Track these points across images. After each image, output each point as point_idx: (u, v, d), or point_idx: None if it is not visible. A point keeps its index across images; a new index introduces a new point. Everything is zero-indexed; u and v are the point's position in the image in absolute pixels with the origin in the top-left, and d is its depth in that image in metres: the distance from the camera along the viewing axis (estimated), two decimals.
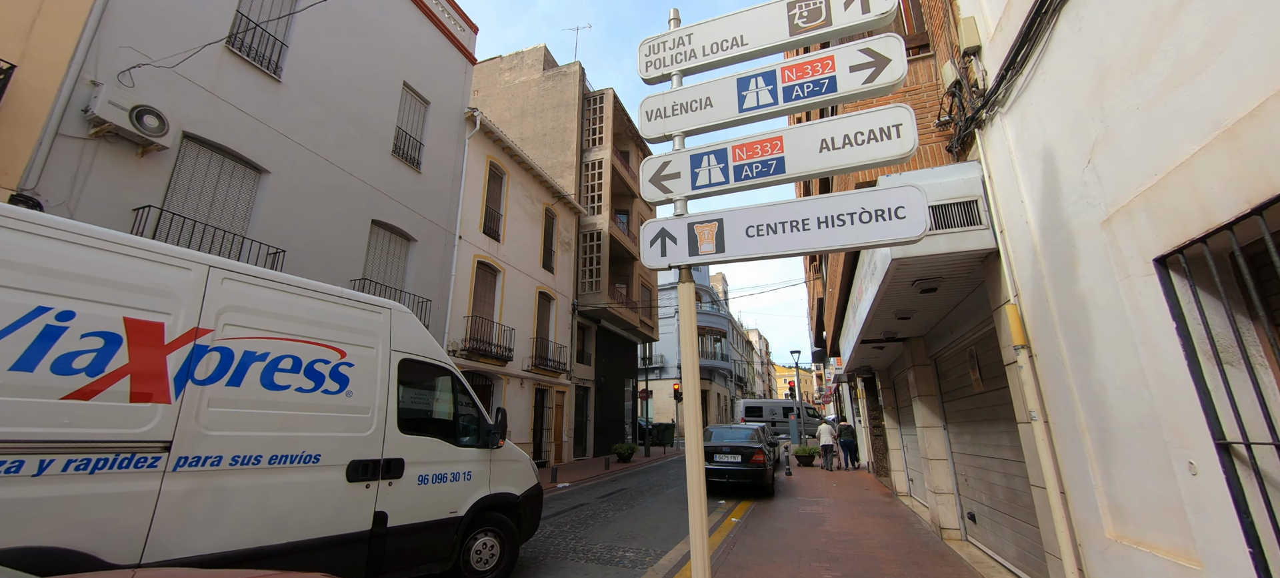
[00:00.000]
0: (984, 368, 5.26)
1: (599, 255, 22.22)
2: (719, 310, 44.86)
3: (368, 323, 4.20)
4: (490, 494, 4.82)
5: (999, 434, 5.03)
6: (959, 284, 4.72)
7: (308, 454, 3.54)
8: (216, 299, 3.31)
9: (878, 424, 13.92)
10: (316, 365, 3.74)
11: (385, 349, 4.24)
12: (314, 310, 3.86)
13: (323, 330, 3.86)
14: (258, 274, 3.59)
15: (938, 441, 6.99)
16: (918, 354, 7.35)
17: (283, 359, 3.57)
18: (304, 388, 3.64)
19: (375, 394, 4.05)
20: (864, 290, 5.65)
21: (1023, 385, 3.34)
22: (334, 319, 3.97)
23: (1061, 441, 3.10)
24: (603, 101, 24.61)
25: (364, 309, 4.22)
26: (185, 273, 3.20)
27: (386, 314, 4.38)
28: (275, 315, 3.61)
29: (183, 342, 3.10)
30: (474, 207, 15.35)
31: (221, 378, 3.24)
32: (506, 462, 5.14)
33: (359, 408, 3.93)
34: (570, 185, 22.62)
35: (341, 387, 3.85)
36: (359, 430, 3.89)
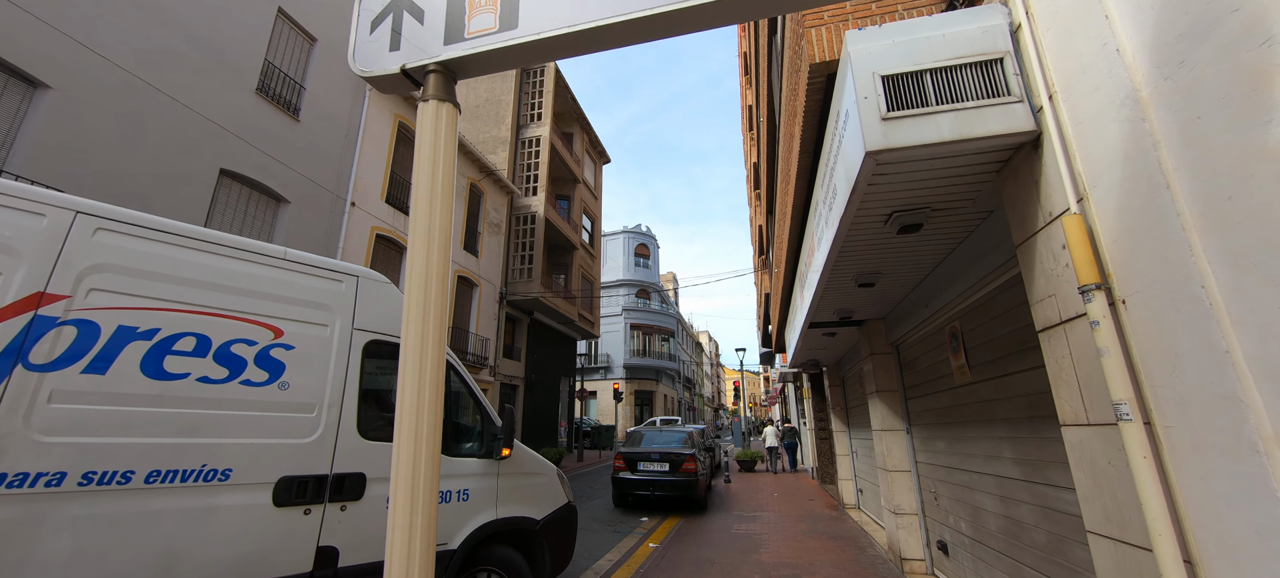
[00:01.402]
0: (973, 350, 3.82)
1: (533, 241, 20.23)
2: (668, 309, 43.62)
3: (322, 293, 3.18)
4: (496, 519, 3.71)
5: (994, 442, 3.59)
6: (954, 220, 3.23)
7: (211, 469, 2.62)
8: (80, 255, 2.49)
9: (824, 427, 12.72)
10: (235, 348, 2.80)
11: (344, 327, 3.21)
12: (237, 274, 2.89)
13: (249, 301, 2.90)
14: (154, 225, 2.71)
15: (899, 447, 5.58)
16: (876, 340, 5.95)
17: (180, 338, 2.65)
18: (212, 377, 2.71)
19: (324, 387, 3.05)
20: (816, 246, 4.12)
21: (1100, 357, 1.80)
22: (269, 287, 2.99)
23: (1191, 457, 1.59)
24: (544, 75, 22.67)
25: (317, 275, 3.19)
26: (34, 221, 2.41)
27: (351, 283, 3.32)
28: (175, 279, 2.70)
29: (14, 311, 2.29)
30: (374, 171, 13.08)
31: (76, 362, 2.40)
32: (521, 476, 4.01)
33: (298, 405, 2.95)
34: (503, 163, 20.54)
35: (272, 376, 2.90)
36: (296, 435, 2.91)
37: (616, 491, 9.34)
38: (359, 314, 3.29)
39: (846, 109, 2.71)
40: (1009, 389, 3.32)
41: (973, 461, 3.97)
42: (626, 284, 40.86)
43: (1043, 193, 2.24)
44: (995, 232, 3.15)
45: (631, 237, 43.54)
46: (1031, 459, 3.10)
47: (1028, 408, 3.10)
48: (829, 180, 3.33)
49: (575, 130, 25.90)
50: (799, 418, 18.05)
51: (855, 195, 2.74)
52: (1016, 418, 3.25)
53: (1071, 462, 2.18)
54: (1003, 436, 3.45)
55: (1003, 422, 3.44)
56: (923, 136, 2.34)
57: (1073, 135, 2.04)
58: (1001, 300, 3.34)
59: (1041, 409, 2.96)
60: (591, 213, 27.10)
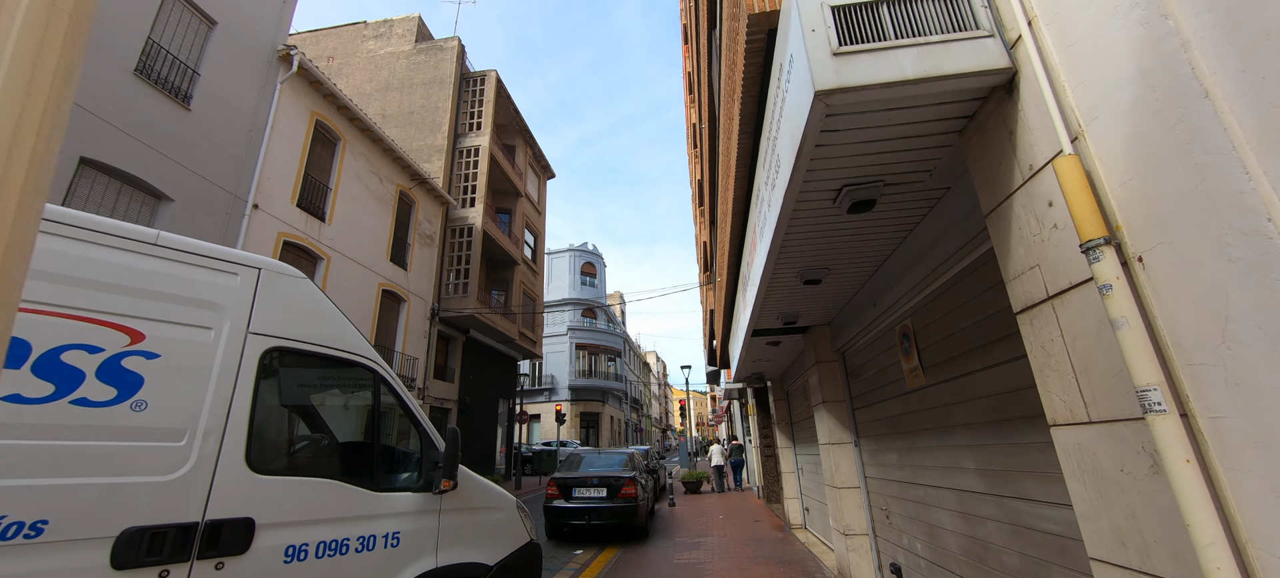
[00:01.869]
0: (927, 351, 3.47)
1: (469, 254, 19.15)
2: (615, 329, 42.96)
3: (207, 287, 2.49)
4: (436, 569, 3.01)
5: (952, 451, 3.22)
6: (908, 199, 2.87)
7: (14, 522, 1.84)
8: None
9: (769, 444, 12.43)
10: (68, 355, 2.09)
11: (236, 331, 2.53)
12: (77, 259, 2.17)
13: (95, 294, 2.18)
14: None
15: (847, 462, 5.21)
16: (821, 348, 5.61)
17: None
18: (26, 395, 1.97)
19: (201, 408, 2.34)
20: (758, 239, 3.69)
21: (1116, 331, 1.38)
22: (128, 277, 2.29)
23: (1255, 458, 1.16)
24: (484, 84, 21.87)
25: (203, 265, 2.51)
26: None
27: (249, 277, 2.63)
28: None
29: None
30: (284, 172, 11.80)
31: None
32: (470, 512, 3.33)
33: (158, 431, 2.23)
34: (438, 172, 19.44)
35: (122, 393, 2.18)
36: (153, 471, 2.18)
37: (549, 521, 8.51)
38: (258, 315, 2.60)
39: (791, 54, 2.27)
40: (969, 391, 2.95)
41: (928, 473, 3.59)
42: (572, 303, 39.95)
43: (1020, 143, 1.85)
44: (952, 212, 2.81)
45: (578, 255, 42.83)
46: (999, 469, 2.72)
47: (993, 411, 2.74)
48: (772, 153, 2.89)
49: (518, 143, 25.14)
50: (744, 436, 17.82)
51: (801, 156, 2.29)
52: (979, 423, 2.88)
53: (1066, 471, 1.75)
54: (963, 444, 3.07)
55: (963, 428, 3.07)
56: (880, 74, 1.91)
57: (1060, 63, 1.66)
58: (959, 291, 3.00)
59: (1010, 411, 2.59)
60: (534, 228, 26.25)
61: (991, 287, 2.63)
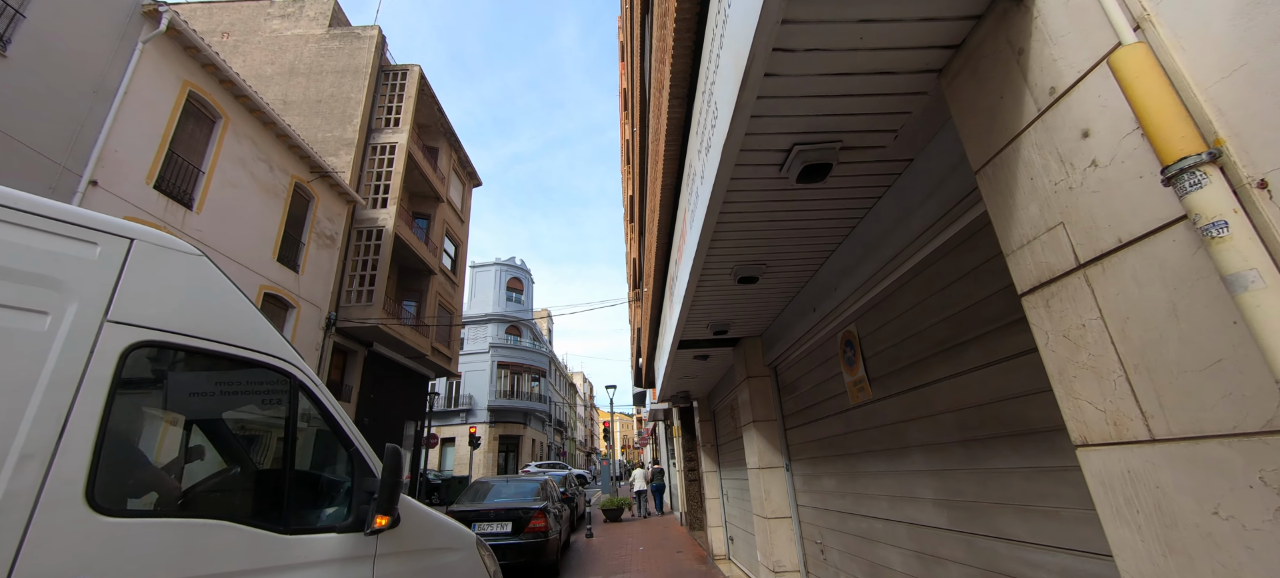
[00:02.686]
0: (875, 360, 3.01)
1: (376, 259, 17.37)
2: (540, 347, 41.37)
3: (44, 258, 1.80)
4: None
5: (905, 477, 2.74)
6: (865, 170, 2.40)
7: None
8: None
9: (693, 468, 11.91)
10: None
11: (85, 319, 1.83)
12: None
13: None
14: None
15: (779, 489, 4.71)
16: (753, 361, 5.13)
17: None
18: None
19: (18, 420, 1.65)
20: (689, 226, 3.12)
21: (1238, 294, 0.86)
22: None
23: None
24: (404, 79, 20.36)
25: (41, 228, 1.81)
26: None
27: (114, 247, 1.94)
28: None
29: None
30: (139, 147, 9.92)
31: None
32: (415, 556, 2.60)
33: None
34: (346, 167, 17.63)
35: None
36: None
37: None
38: (123, 299, 1.95)
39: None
40: (928, 405, 2.49)
41: (874, 503, 3.11)
42: (496, 319, 38.06)
43: (1034, 63, 1.37)
44: (915, 190, 2.37)
45: (504, 269, 41.12)
46: (967, 500, 2.25)
47: (959, 429, 2.27)
48: (708, 108, 2.32)
49: (442, 146, 23.65)
50: (668, 459, 17.29)
51: (747, 89, 1.71)
52: (941, 444, 2.42)
53: (1104, 511, 1.23)
54: (919, 468, 2.60)
55: (919, 450, 2.60)
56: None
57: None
58: (919, 286, 2.56)
59: (982, 428, 2.13)
60: (456, 237, 24.64)
61: (963, 276, 2.19)
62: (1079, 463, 1.32)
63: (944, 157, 2.11)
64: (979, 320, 2.11)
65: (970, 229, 2.12)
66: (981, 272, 2.08)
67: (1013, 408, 1.91)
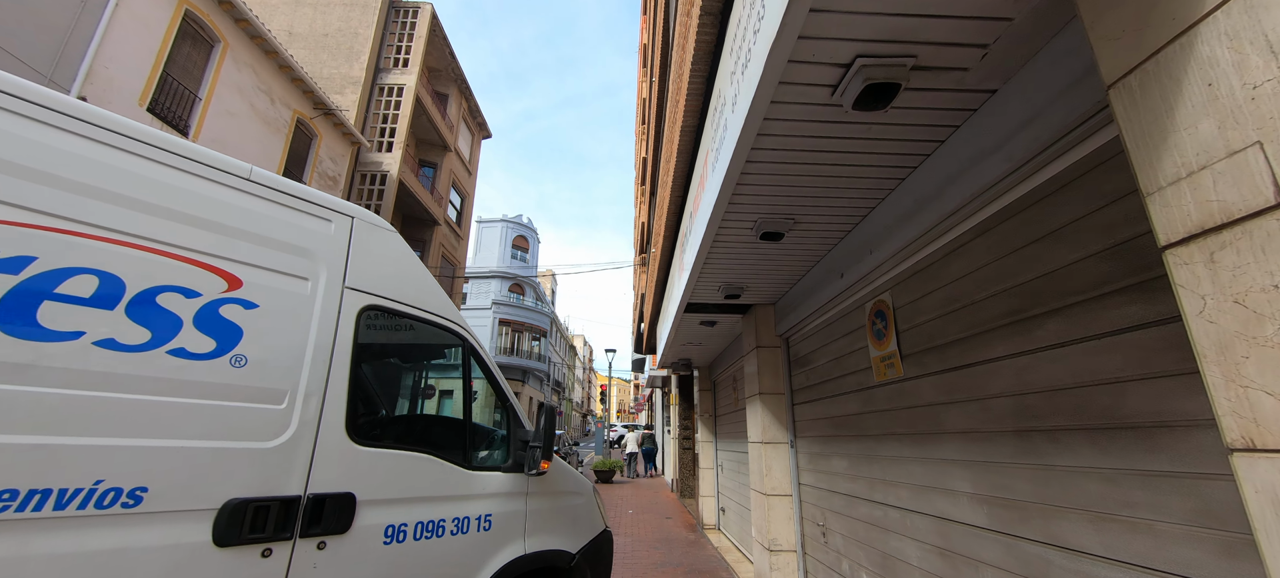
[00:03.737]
0: (911, 334, 2.66)
1: (380, 205, 16.98)
2: (542, 307, 41.30)
3: (301, 232, 2.13)
4: (528, 554, 2.74)
5: (936, 466, 2.43)
6: (935, 99, 2.00)
7: (112, 488, 1.53)
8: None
9: (688, 436, 11.77)
10: (163, 298, 1.74)
11: (332, 284, 2.18)
12: (173, 189, 1.81)
13: (191, 231, 1.83)
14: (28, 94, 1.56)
15: (781, 465, 4.44)
16: (764, 331, 4.80)
17: (71, 276, 1.55)
18: (122, 341, 1.63)
19: (301, 366, 2.02)
20: (710, 171, 2.74)
21: None
22: (221, 213, 1.92)
23: None
24: (415, 17, 19.57)
25: (296, 207, 2.15)
26: None
27: (342, 224, 2.28)
28: (67, 184, 1.58)
29: None
30: (131, 64, 9.47)
31: None
32: (555, 497, 3.03)
33: (259, 391, 1.90)
34: (351, 107, 17.07)
35: (222, 345, 1.84)
36: (254, 436, 1.85)
37: None
38: (353, 269, 2.29)
39: None
40: (977, 387, 2.15)
41: (892, 490, 2.81)
42: (500, 276, 37.91)
43: None
44: (991, 130, 1.96)
45: (511, 226, 40.78)
46: (1017, 501, 1.93)
47: (1017, 417, 1.94)
48: (753, 6, 1.90)
49: (452, 93, 22.97)
50: (663, 426, 17.27)
51: None
52: (988, 433, 2.09)
53: (1275, 539, 0.90)
54: (955, 458, 2.28)
55: (957, 437, 2.28)
56: None
57: None
58: (978, 249, 2.19)
59: (1049, 418, 1.79)
60: (463, 189, 24.17)
61: (1044, 236, 1.81)
62: (1223, 472, 0.98)
63: (1041, 85, 1.71)
64: (1061, 290, 1.74)
65: (1064, 178, 1.73)
66: (1073, 230, 1.70)
67: (1101, 397, 1.57)
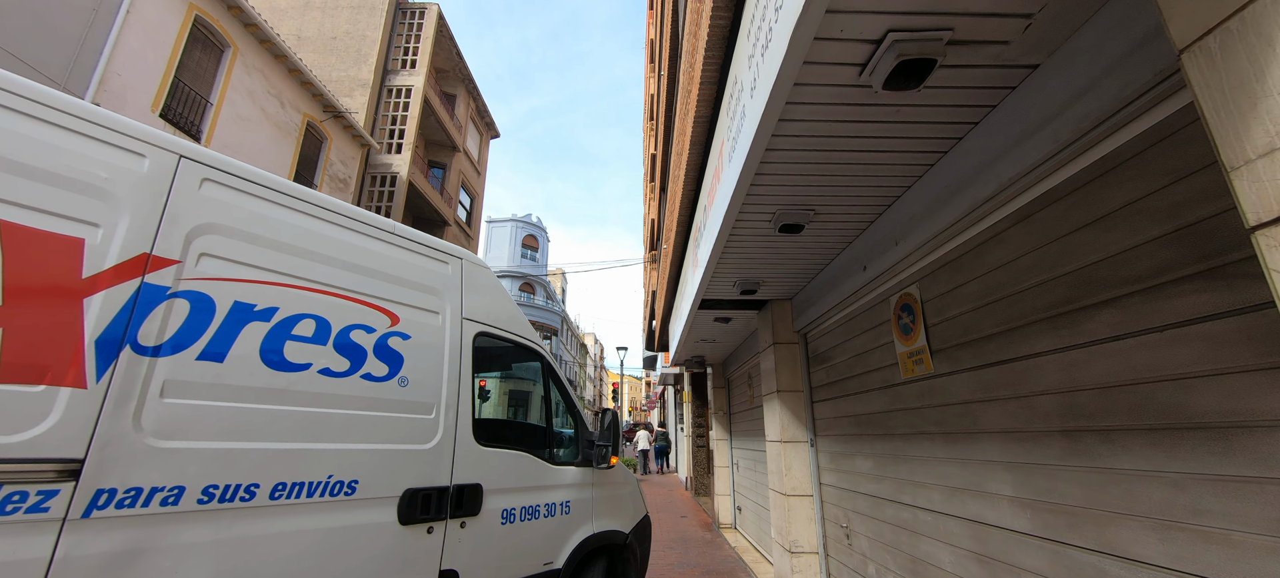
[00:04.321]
0: (941, 328, 2.53)
1: (390, 207, 17.03)
2: (553, 306, 41.37)
3: (430, 274, 2.66)
4: (594, 534, 3.32)
5: (976, 467, 2.30)
6: (974, 77, 1.86)
7: (338, 480, 2.04)
8: (188, 211, 1.80)
9: (702, 434, 11.65)
10: (354, 334, 2.24)
11: (454, 316, 2.71)
12: (356, 249, 2.33)
13: (365, 280, 2.34)
14: (268, 182, 2.07)
15: (801, 465, 4.32)
16: (780, 326, 4.67)
17: (300, 320, 2.06)
18: (334, 369, 2.13)
19: (440, 384, 2.54)
20: (726, 161, 2.62)
21: None
22: (381, 264, 2.43)
23: None
24: (422, 18, 19.59)
25: (424, 254, 2.66)
26: (134, 161, 1.71)
27: (456, 265, 2.83)
28: (291, 249, 2.09)
29: (118, 277, 1.60)
30: (143, 71, 9.54)
31: (190, 347, 1.74)
32: (614, 487, 3.69)
33: (418, 404, 2.42)
34: (360, 109, 17.14)
35: (392, 369, 2.35)
36: (418, 440, 2.38)
37: None
38: (466, 302, 2.81)
39: None
40: (1018, 384, 2.02)
41: (923, 492, 2.68)
42: (510, 276, 38.01)
43: None
44: (1036, 107, 1.83)
45: (520, 226, 40.87)
46: (1066, 506, 1.80)
47: (1064, 415, 1.81)
48: None
49: (460, 93, 22.98)
50: (676, 423, 17.21)
51: None
52: (1031, 433, 1.96)
53: None
54: (995, 460, 2.15)
55: (996, 437, 2.15)
56: None
57: None
58: (1018, 236, 2.05)
59: (1102, 418, 1.66)
60: (472, 188, 24.21)
61: (1097, 220, 1.68)
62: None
63: (1090, 57, 1.57)
64: (1115, 279, 1.61)
65: (1117, 157, 1.59)
66: (1128, 214, 1.57)
67: (1164, 394, 1.44)
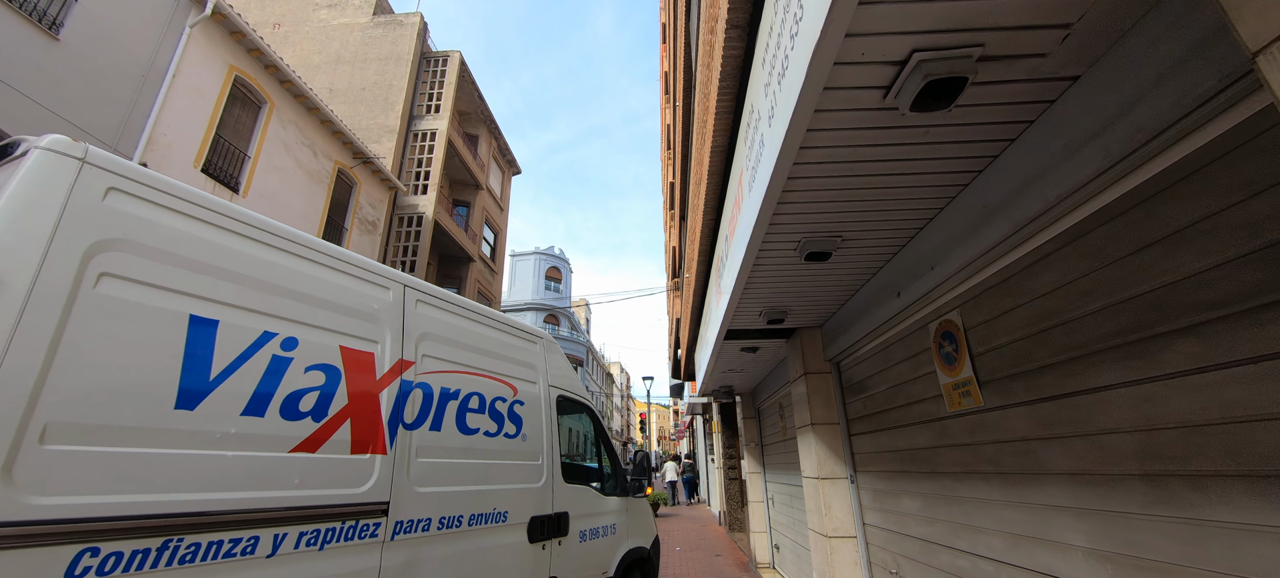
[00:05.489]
0: (988, 358, 2.34)
1: (417, 245, 17.49)
2: (578, 337, 41.44)
3: (530, 354, 3.74)
4: (631, 548, 4.38)
5: (1041, 512, 2.08)
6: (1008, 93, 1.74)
7: (498, 511, 3.05)
8: (414, 325, 2.77)
9: (734, 466, 11.28)
10: (497, 404, 3.26)
11: (545, 384, 3.79)
12: (491, 339, 3.39)
13: (499, 363, 3.39)
14: (444, 296, 3.11)
15: (842, 503, 4.06)
16: (811, 355, 4.48)
17: (471, 397, 3.06)
18: (490, 431, 3.16)
19: (542, 437, 3.59)
20: (747, 191, 2.53)
21: None
22: (506, 350, 3.50)
23: None
24: (445, 66, 20.41)
25: (525, 338, 3.75)
26: (385, 293, 2.65)
27: (541, 344, 3.93)
28: (460, 345, 3.10)
29: (392, 377, 2.56)
30: (187, 130, 10.09)
31: (425, 421, 2.70)
32: (637, 513, 4.67)
33: (532, 453, 3.47)
34: (388, 154, 17.77)
35: (518, 429, 3.40)
36: (534, 481, 3.42)
37: None
38: (549, 371, 3.86)
39: None
40: (1084, 420, 1.82)
41: (982, 538, 2.45)
42: (535, 308, 38.35)
43: None
44: (1080, 120, 1.69)
45: (543, 259, 41.42)
46: (1155, 562, 1.58)
47: (1142, 458, 1.61)
48: (787, 9, 1.71)
49: (481, 133, 23.69)
50: (706, 454, 16.76)
51: None
52: (1105, 476, 1.75)
53: None
54: (1064, 505, 1.94)
55: (1063, 480, 1.94)
56: None
57: None
58: (1072, 257, 1.88)
59: (1191, 461, 1.46)
60: (495, 225, 24.69)
61: (1166, 237, 1.51)
62: None
63: (1138, 63, 1.44)
64: (1191, 304, 1.44)
65: (1182, 169, 1.44)
66: (1199, 231, 1.41)
67: (1270, 436, 1.25)
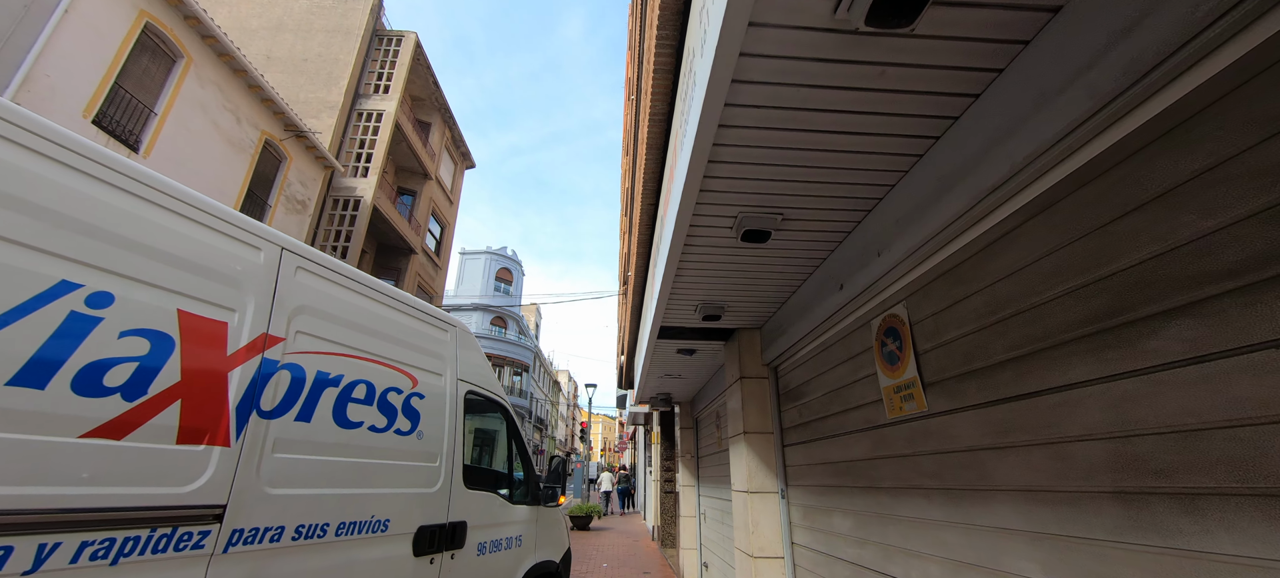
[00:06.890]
0: (933, 356, 2.06)
1: (351, 232, 16.31)
2: (525, 341, 40.25)
3: (437, 342, 3.24)
4: (537, 563, 3.95)
5: (987, 535, 1.79)
6: (978, 18, 1.43)
7: (377, 519, 2.52)
8: (289, 295, 2.26)
9: (670, 479, 10.92)
10: (390, 395, 2.74)
11: (453, 377, 3.31)
12: (389, 321, 2.86)
13: (398, 349, 2.87)
14: (334, 267, 2.60)
15: (770, 520, 3.74)
16: (748, 359, 4.17)
17: (356, 385, 2.55)
18: (377, 426, 2.63)
19: (443, 437, 3.10)
20: (680, 151, 2.18)
21: None
22: (408, 335, 2.98)
23: None
24: (398, 45, 19.37)
25: (432, 324, 3.25)
26: (254, 254, 2.14)
27: (453, 333, 3.44)
28: (350, 325, 2.59)
29: (249, 353, 2.04)
30: (82, 73, 8.87)
31: (291, 410, 2.18)
32: (548, 524, 4.24)
33: (429, 454, 2.96)
34: (327, 130, 16.57)
35: (413, 425, 2.87)
36: (427, 485, 2.91)
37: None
38: (460, 363, 3.39)
39: None
40: (1049, 425, 1.54)
41: (916, 563, 2.15)
42: (483, 309, 37.00)
43: None
44: (1054, 67, 1.41)
45: (494, 259, 40.16)
46: None
47: (1116, 469, 1.32)
48: None
49: (435, 121, 22.66)
50: (645, 465, 16.33)
51: None
52: (1068, 493, 1.46)
53: None
54: (1014, 527, 1.64)
55: (1014, 498, 1.65)
56: None
57: None
58: (1035, 234, 1.61)
59: (1180, 476, 1.18)
60: (443, 218, 23.58)
61: (1146, 202, 1.24)
62: None
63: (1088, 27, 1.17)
64: (1187, 277, 1.17)
65: (1184, 109, 1.17)
66: (1202, 185, 1.14)
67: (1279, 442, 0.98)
